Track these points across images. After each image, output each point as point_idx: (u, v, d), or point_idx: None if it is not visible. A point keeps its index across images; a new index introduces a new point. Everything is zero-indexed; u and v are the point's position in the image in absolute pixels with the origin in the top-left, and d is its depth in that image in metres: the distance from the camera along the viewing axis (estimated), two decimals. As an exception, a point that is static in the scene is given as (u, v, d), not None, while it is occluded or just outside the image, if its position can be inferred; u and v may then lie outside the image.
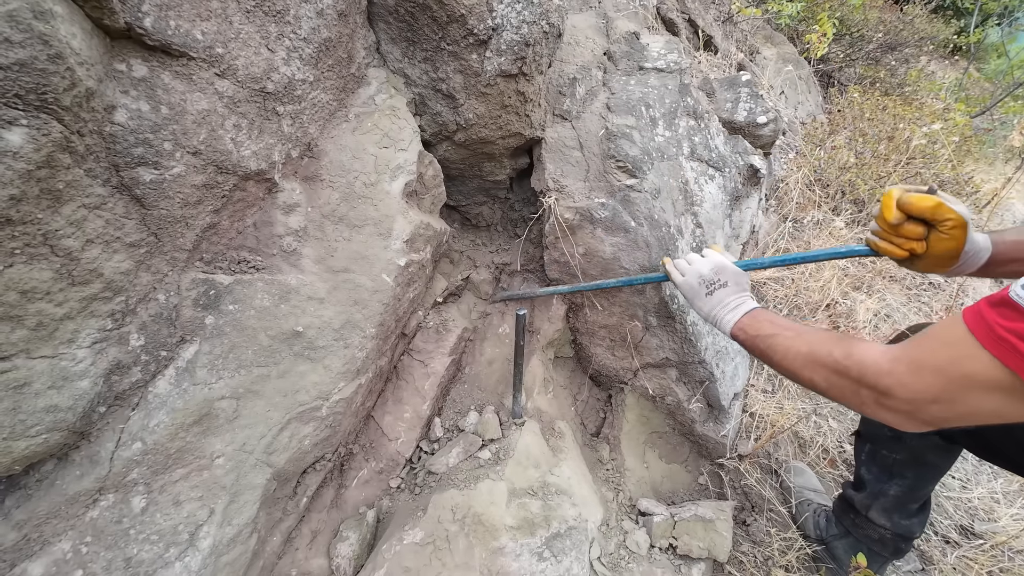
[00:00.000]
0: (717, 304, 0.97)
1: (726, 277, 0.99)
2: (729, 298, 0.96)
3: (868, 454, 1.15)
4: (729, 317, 0.93)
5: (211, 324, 0.92)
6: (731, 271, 1.00)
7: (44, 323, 0.66)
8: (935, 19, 4.46)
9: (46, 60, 0.54)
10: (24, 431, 0.66)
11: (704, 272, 1.01)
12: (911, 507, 1.13)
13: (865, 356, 0.66)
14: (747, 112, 1.89)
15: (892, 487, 1.11)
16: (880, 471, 1.12)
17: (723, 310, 0.95)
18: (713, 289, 0.98)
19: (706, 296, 0.99)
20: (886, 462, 1.11)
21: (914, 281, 2.29)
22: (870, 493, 1.15)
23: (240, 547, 0.91)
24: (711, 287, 0.99)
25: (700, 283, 1.01)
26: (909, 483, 1.10)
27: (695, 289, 1.01)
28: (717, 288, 0.98)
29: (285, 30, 0.94)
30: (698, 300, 1.00)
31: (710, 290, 0.99)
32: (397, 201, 1.17)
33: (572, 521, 1.13)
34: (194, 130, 0.82)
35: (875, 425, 1.12)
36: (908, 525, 1.13)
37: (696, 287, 1.01)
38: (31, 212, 0.59)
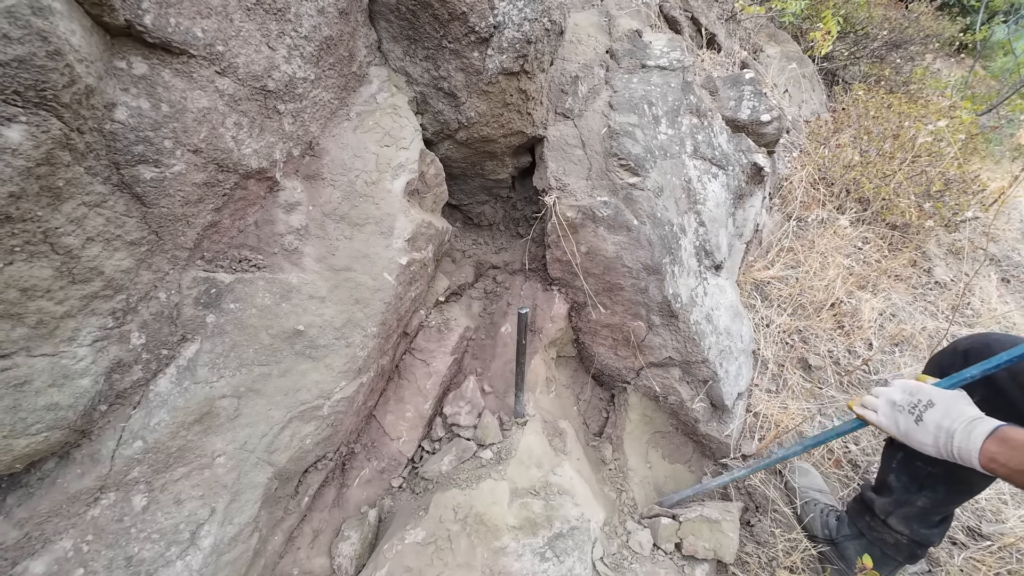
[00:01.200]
0: (937, 431, 0.81)
1: (926, 396, 0.85)
2: (948, 420, 0.80)
3: (900, 462, 1.10)
4: (967, 446, 0.76)
5: (212, 323, 0.92)
6: (927, 389, 0.86)
7: (44, 321, 0.66)
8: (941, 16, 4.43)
9: (45, 57, 0.54)
10: (25, 429, 0.66)
11: (896, 398, 0.88)
12: (934, 519, 1.10)
13: None
14: (750, 110, 1.88)
15: (920, 499, 1.07)
16: (910, 481, 1.08)
17: (948, 437, 0.79)
18: (919, 413, 0.84)
19: (917, 424, 0.84)
20: (919, 474, 1.06)
21: (920, 280, 2.27)
22: (895, 500, 1.11)
23: (241, 546, 0.90)
24: (915, 411, 0.85)
25: (899, 412, 0.87)
26: (940, 497, 1.06)
27: (900, 422, 0.87)
28: (923, 411, 0.84)
29: (286, 28, 0.94)
30: (913, 433, 0.84)
31: (916, 415, 0.84)
32: (399, 200, 1.17)
33: (575, 521, 1.12)
34: (195, 128, 0.81)
35: None
36: (927, 534, 1.11)
37: (900, 419, 0.87)
38: (31, 209, 0.59)
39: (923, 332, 1.97)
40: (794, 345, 1.87)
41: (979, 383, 0.91)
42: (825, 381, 1.79)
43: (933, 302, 2.17)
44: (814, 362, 1.82)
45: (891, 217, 2.34)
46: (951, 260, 2.44)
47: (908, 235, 2.39)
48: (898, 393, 0.89)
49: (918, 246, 2.37)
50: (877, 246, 2.30)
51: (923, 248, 2.39)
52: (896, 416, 0.88)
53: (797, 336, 1.90)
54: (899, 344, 1.94)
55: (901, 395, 0.88)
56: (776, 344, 1.84)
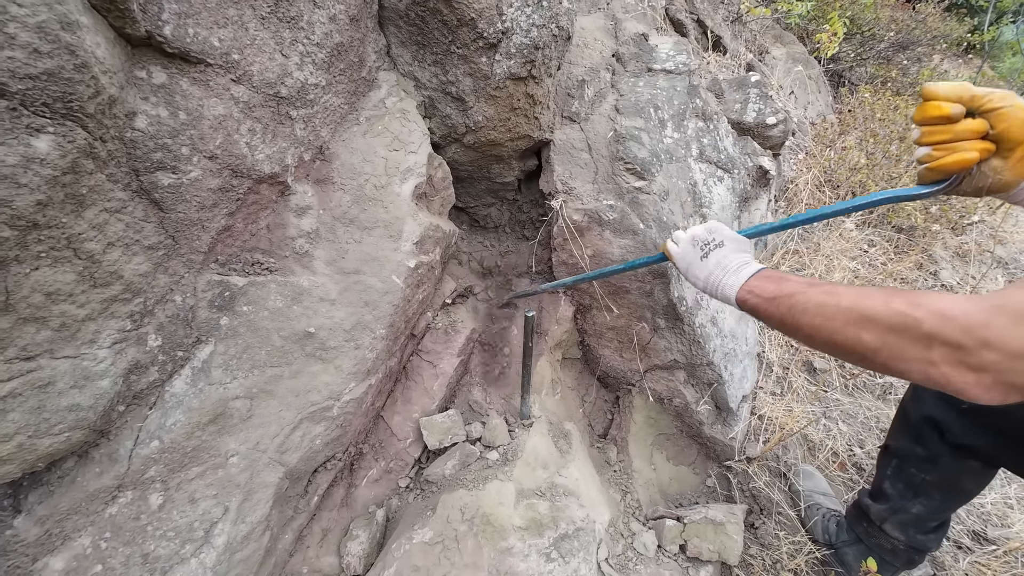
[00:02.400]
0: (715, 266, 0.82)
1: (722, 237, 0.85)
2: (729, 259, 0.81)
3: (895, 470, 1.11)
4: (731, 280, 0.78)
5: (226, 325, 0.94)
6: (728, 232, 0.86)
7: (67, 324, 0.68)
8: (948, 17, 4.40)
9: (72, 70, 0.55)
10: (48, 429, 0.67)
11: (698, 233, 0.88)
12: (930, 524, 1.10)
13: (946, 306, 0.53)
14: (756, 113, 1.89)
15: (915, 506, 1.07)
16: (905, 488, 1.08)
17: (722, 272, 0.80)
18: (709, 251, 0.84)
19: (701, 260, 0.84)
20: (913, 481, 1.06)
21: (926, 283, 2.27)
22: (890, 507, 1.11)
23: (253, 544, 0.92)
24: (706, 248, 0.85)
25: (694, 246, 0.87)
26: (936, 504, 1.06)
27: (689, 255, 0.87)
28: (713, 248, 0.84)
29: (299, 35, 0.96)
30: (693, 267, 0.86)
31: (705, 252, 0.85)
32: (407, 203, 1.18)
33: (580, 522, 1.13)
34: (211, 135, 0.83)
35: (907, 443, 1.07)
36: (924, 540, 1.11)
37: (689, 252, 0.87)
38: (56, 216, 0.61)
39: (929, 335, 1.97)
40: (799, 348, 1.87)
41: None
42: (830, 384, 1.79)
43: (939, 305, 2.16)
44: (819, 365, 1.82)
45: (897, 220, 2.34)
46: (958, 263, 2.43)
47: (914, 238, 2.38)
48: (701, 230, 0.89)
49: (924, 249, 2.37)
50: (883, 249, 2.30)
51: (930, 251, 2.39)
52: (688, 249, 0.89)
53: (802, 339, 1.90)
54: (905, 347, 1.93)
55: (703, 233, 0.88)
56: (781, 347, 1.84)
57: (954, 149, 0.66)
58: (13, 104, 0.52)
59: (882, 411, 1.71)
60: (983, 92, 0.65)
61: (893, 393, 1.79)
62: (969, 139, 0.66)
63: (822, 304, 0.63)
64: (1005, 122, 0.64)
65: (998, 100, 0.64)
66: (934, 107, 0.67)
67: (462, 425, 1.34)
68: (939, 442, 1.00)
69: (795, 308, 0.67)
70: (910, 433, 1.06)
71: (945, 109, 0.66)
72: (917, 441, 1.04)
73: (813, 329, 0.64)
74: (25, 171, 0.55)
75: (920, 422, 1.03)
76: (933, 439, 1.01)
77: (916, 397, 1.05)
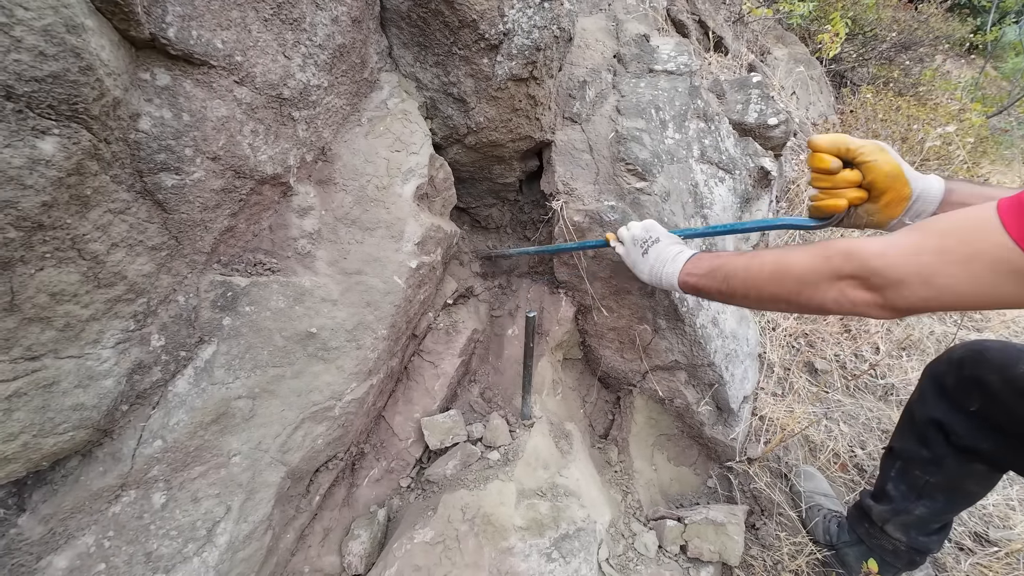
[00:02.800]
0: (655, 260, 0.94)
1: (657, 234, 0.98)
2: (666, 251, 0.93)
3: (899, 471, 1.11)
4: (671, 269, 0.90)
5: (228, 325, 0.94)
6: (662, 231, 0.99)
7: (71, 324, 0.68)
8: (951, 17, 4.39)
9: (78, 72, 0.56)
10: (52, 428, 0.68)
11: (636, 233, 1.01)
12: (932, 527, 1.10)
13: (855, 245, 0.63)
14: (758, 114, 1.88)
15: (918, 508, 1.07)
16: (908, 490, 1.08)
17: (661, 264, 0.92)
18: (647, 247, 0.97)
19: (643, 256, 0.97)
20: (917, 483, 1.06)
21: (928, 284, 2.26)
22: (892, 509, 1.11)
23: (256, 544, 0.93)
24: (644, 245, 0.98)
25: (635, 244, 1.00)
26: (939, 507, 1.06)
27: (632, 252, 1.01)
28: (651, 244, 0.97)
29: (301, 37, 0.96)
30: (639, 264, 0.99)
31: (644, 248, 0.97)
32: (409, 204, 1.19)
33: (581, 522, 1.13)
34: (214, 136, 0.84)
35: (912, 445, 1.07)
36: (926, 542, 1.11)
37: (632, 250, 1.01)
38: (61, 217, 0.62)
39: (931, 336, 1.97)
40: (800, 349, 1.87)
41: (975, 391, 0.92)
42: (831, 385, 1.79)
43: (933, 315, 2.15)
44: (820, 366, 1.82)
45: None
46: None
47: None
48: (639, 230, 1.01)
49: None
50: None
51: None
52: (631, 249, 1.01)
53: (803, 340, 1.90)
54: (906, 348, 1.93)
55: (641, 232, 1.00)
56: (782, 348, 1.84)
57: (833, 195, 0.80)
58: (19, 106, 0.53)
59: (883, 412, 1.71)
60: (856, 145, 0.77)
61: (895, 395, 1.79)
62: (845, 187, 0.79)
63: (748, 267, 0.74)
64: (872, 173, 0.76)
65: (868, 153, 0.76)
66: (818, 159, 0.79)
67: (463, 425, 1.34)
68: (944, 444, 1.00)
69: (729, 276, 0.77)
70: (915, 435, 1.06)
71: (826, 162, 0.78)
72: (922, 443, 1.04)
73: (746, 288, 0.74)
74: (31, 173, 0.55)
75: (925, 424, 1.03)
76: (938, 441, 1.01)
77: (922, 399, 1.05)
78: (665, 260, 0.92)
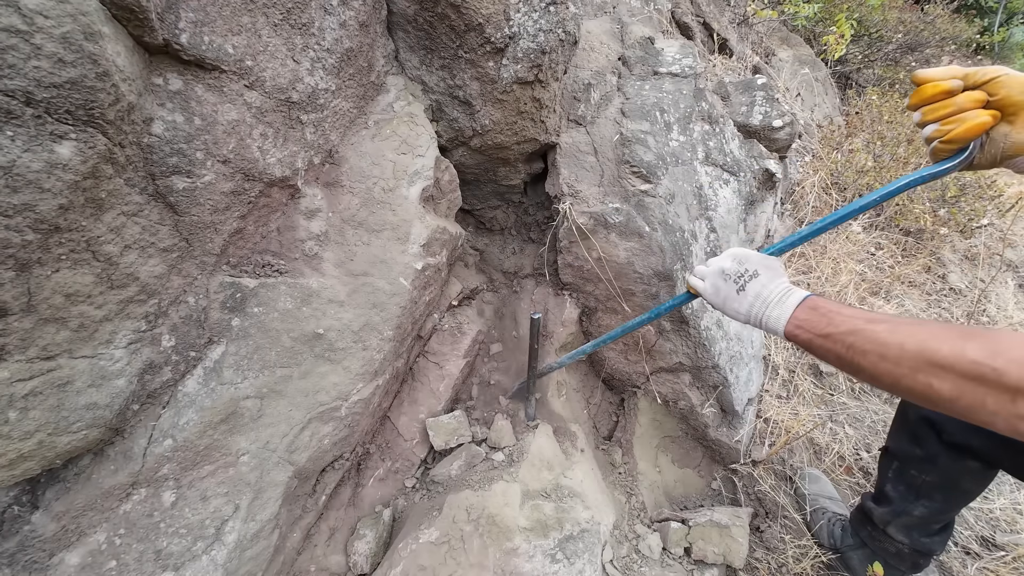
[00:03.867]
0: (755, 299, 0.77)
1: (753, 265, 0.80)
2: (768, 289, 0.76)
3: (896, 472, 1.10)
4: (777, 313, 0.72)
5: (237, 326, 0.95)
6: (756, 258, 0.81)
7: (85, 324, 0.70)
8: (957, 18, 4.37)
9: (94, 78, 0.57)
10: (67, 427, 0.69)
11: (725, 265, 0.83)
12: (933, 527, 1.10)
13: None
14: (762, 115, 1.89)
15: (918, 508, 1.07)
16: (907, 490, 1.08)
17: (764, 305, 0.75)
18: (744, 282, 0.79)
19: (738, 294, 0.79)
20: (914, 482, 1.06)
21: (934, 287, 2.25)
22: (892, 510, 1.11)
23: (263, 542, 0.94)
24: (740, 280, 0.80)
25: (725, 280, 0.82)
26: (937, 506, 1.06)
27: (722, 289, 0.82)
28: (748, 280, 0.79)
29: (310, 42, 0.97)
30: (731, 302, 0.81)
31: (740, 284, 0.80)
32: (414, 206, 1.20)
33: (585, 524, 1.14)
34: (224, 140, 0.85)
35: (906, 444, 1.07)
36: (928, 543, 1.11)
37: (722, 287, 0.82)
38: (77, 220, 0.63)
39: (937, 339, 1.95)
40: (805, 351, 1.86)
41: None
42: (836, 387, 1.78)
43: (948, 309, 2.15)
44: (825, 368, 1.82)
45: (905, 223, 2.33)
46: (967, 266, 2.41)
47: (922, 241, 2.37)
48: (728, 261, 0.83)
49: (933, 252, 2.35)
50: (891, 252, 2.29)
51: (938, 254, 2.37)
52: (720, 285, 0.83)
53: (808, 342, 1.89)
54: (912, 351, 1.92)
55: (731, 263, 0.82)
56: (787, 350, 1.84)
57: (963, 120, 0.66)
58: (38, 112, 0.54)
59: (888, 415, 1.70)
60: (974, 68, 0.67)
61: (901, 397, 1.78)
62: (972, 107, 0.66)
63: (884, 344, 0.59)
64: (1005, 88, 0.64)
65: (992, 71, 0.65)
66: (931, 86, 0.67)
67: (468, 426, 1.35)
68: (936, 442, 1.00)
69: (854, 348, 0.62)
70: (908, 433, 1.06)
71: (944, 84, 0.66)
72: (915, 441, 1.04)
73: (877, 372, 0.60)
74: (48, 176, 0.57)
75: (917, 422, 1.03)
76: (930, 439, 1.00)
77: None
78: (768, 301, 0.75)
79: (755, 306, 0.77)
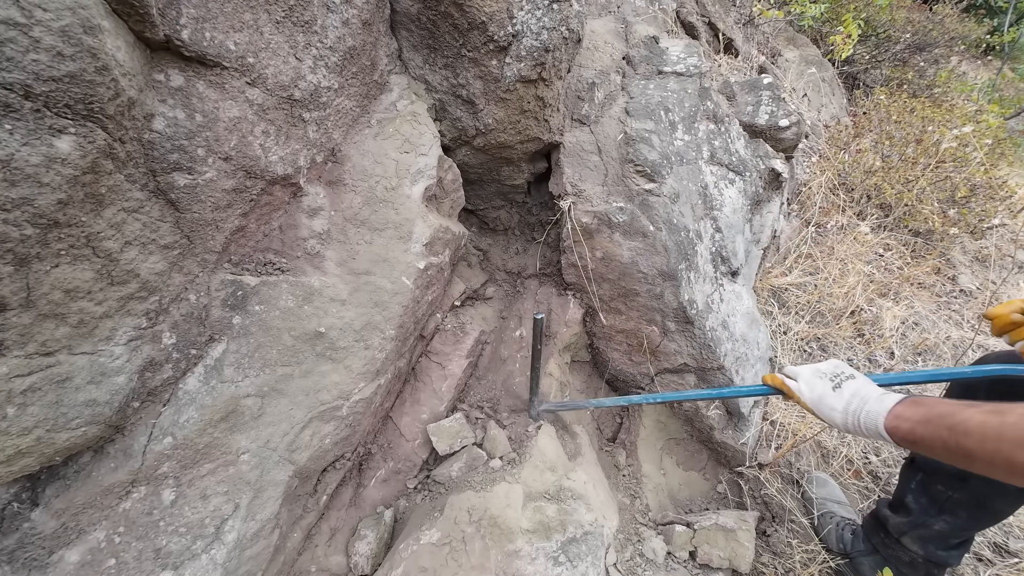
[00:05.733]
0: (852, 396, 0.79)
1: (849, 370, 0.85)
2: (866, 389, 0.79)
3: (920, 484, 1.07)
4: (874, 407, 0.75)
5: (238, 324, 0.95)
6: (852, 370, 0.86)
7: (85, 321, 0.69)
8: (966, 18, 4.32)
9: (94, 72, 0.57)
10: (65, 424, 0.69)
11: (823, 367, 0.87)
12: (952, 541, 1.07)
13: None
14: (768, 115, 1.87)
15: (939, 523, 1.04)
16: (929, 504, 1.05)
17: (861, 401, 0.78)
18: (840, 382, 0.83)
19: (834, 391, 0.82)
20: (939, 497, 1.03)
21: (944, 288, 2.22)
22: (910, 522, 1.08)
23: (263, 542, 0.93)
24: (836, 379, 0.83)
25: (821, 378, 0.85)
26: (960, 523, 1.02)
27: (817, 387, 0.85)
28: (845, 380, 0.83)
29: (312, 39, 0.97)
30: (827, 398, 0.83)
31: (836, 383, 0.83)
32: (417, 205, 1.19)
33: (588, 526, 1.12)
34: (226, 136, 0.85)
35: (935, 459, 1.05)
36: (945, 556, 1.08)
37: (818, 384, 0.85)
38: (76, 215, 0.63)
39: (947, 342, 1.92)
40: (812, 353, 1.84)
41: (984, 393, 0.90)
42: (844, 390, 1.75)
43: (958, 311, 2.11)
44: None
45: (914, 224, 2.29)
46: (977, 268, 2.37)
47: (932, 242, 2.33)
48: (827, 365, 0.88)
49: (942, 253, 2.32)
50: (899, 253, 2.26)
51: (947, 255, 2.34)
52: (815, 382, 0.86)
53: (815, 344, 1.87)
54: (922, 353, 1.89)
55: (830, 367, 0.88)
56: (794, 352, 1.81)
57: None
58: (37, 105, 0.54)
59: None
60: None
61: (910, 400, 1.75)
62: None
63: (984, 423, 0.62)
64: None
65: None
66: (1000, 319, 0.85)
67: (470, 428, 1.34)
68: None
69: (956, 429, 0.64)
70: None
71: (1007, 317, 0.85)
72: None
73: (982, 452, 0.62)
74: (47, 170, 0.56)
75: None
76: None
77: None
78: (867, 397, 0.77)
79: (852, 402, 0.79)
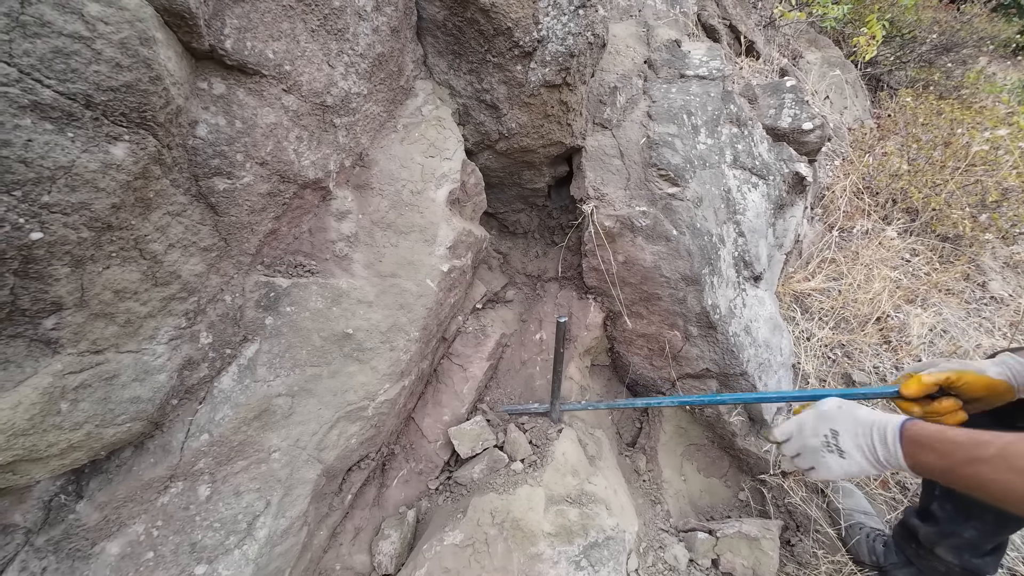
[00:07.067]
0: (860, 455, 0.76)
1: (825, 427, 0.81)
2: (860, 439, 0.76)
3: (944, 490, 1.05)
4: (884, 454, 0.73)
5: (270, 324, 0.97)
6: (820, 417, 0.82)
7: (131, 320, 0.72)
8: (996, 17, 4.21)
9: (148, 82, 0.59)
10: (112, 419, 0.71)
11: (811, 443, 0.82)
12: (985, 547, 1.04)
13: None
14: (791, 118, 1.85)
15: (968, 529, 1.01)
16: (955, 511, 1.03)
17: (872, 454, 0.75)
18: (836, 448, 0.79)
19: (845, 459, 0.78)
20: (964, 502, 1.01)
21: (974, 295, 2.16)
22: (940, 531, 1.06)
23: (292, 539, 0.95)
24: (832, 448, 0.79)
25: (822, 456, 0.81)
26: (989, 527, 1.00)
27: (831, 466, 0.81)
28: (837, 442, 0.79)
29: (344, 47, 0.99)
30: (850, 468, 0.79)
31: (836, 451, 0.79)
32: (441, 209, 1.21)
33: (610, 531, 1.12)
34: (262, 142, 0.87)
35: None
36: (980, 564, 1.04)
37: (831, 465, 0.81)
38: (127, 219, 0.65)
39: (978, 349, 1.87)
40: (837, 359, 1.81)
41: None
42: (870, 398, 1.72)
43: (989, 318, 2.05)
44: (858, 378, 1.75)
45: (942, 228, 2.24)
46: (1009, 274, 2.30)
47: (961, 247, 2.27)
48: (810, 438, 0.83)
49: (972, 259, 2.26)
50: (927, 258, 2.20)
51: (977, 261, 2.27)
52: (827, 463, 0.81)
53: (840, 350, 1.83)
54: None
55: (813, 439, 0.82)
56: (817, 358, 1.78)
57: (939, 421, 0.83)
58: (96, 114, 0.56)
59: (928, 428, 1.63)
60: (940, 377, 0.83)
61: (939, 409, 1.70)
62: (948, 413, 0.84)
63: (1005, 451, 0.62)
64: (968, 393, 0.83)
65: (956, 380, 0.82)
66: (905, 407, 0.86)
67: (491, 431, 1.34)
68: None
69: (976, 461, 0.64)
70: None
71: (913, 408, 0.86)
72: None
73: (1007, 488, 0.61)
74: (103, 176, 0.59)
75: None
76: None
77: None
78: (873, 448, 0.75)
79: (867, 457, 0.77)
